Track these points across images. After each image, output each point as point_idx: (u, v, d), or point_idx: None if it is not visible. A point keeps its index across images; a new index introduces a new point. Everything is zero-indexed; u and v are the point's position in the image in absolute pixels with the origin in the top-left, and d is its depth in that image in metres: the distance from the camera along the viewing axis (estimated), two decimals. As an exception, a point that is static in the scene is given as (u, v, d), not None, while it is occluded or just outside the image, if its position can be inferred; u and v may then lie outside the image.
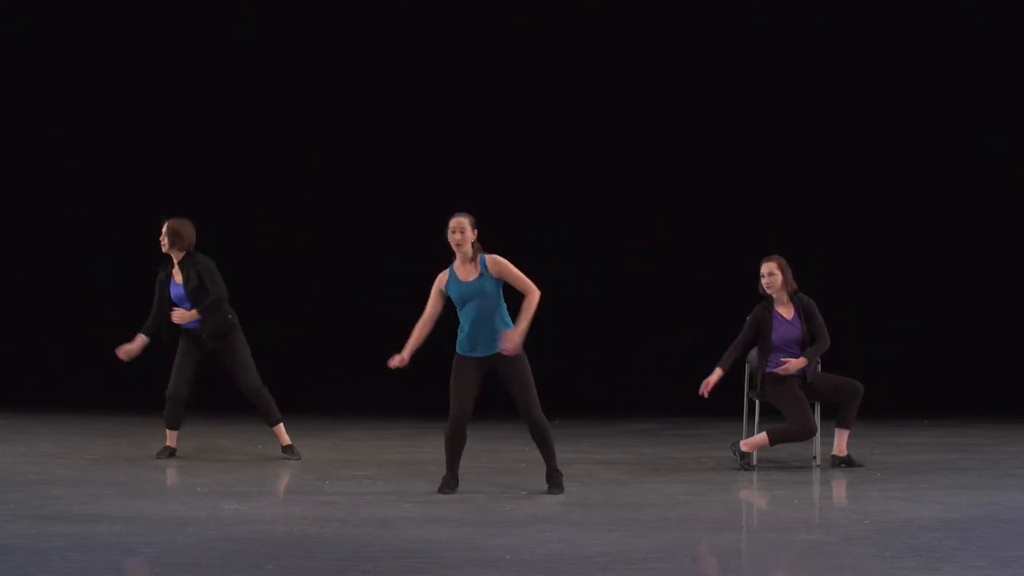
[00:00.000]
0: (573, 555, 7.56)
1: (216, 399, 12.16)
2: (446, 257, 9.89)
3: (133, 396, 16.32)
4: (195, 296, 11.42)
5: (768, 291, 11.18)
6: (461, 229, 9.61)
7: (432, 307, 9.73)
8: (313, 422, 13.79)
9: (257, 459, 11.72)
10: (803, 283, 11.36)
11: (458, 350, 9.72)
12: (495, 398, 10.19)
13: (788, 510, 9.31)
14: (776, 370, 10.98)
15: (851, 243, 16.67)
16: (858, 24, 16.49)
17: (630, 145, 16.89)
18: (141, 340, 11.54)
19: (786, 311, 11.18)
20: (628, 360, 16.72)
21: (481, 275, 9.60)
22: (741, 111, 16.70)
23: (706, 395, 10.94)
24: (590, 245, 16.84)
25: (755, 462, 11.14)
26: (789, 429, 10.94)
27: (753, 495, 10.20)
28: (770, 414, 11.28)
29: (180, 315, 11.39)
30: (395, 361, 9.70)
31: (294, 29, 16.85)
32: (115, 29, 16.77)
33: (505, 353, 9.49)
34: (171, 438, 11.64)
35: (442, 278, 9.71)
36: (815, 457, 11.33)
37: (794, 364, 10.99)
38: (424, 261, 16.45)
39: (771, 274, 11.17)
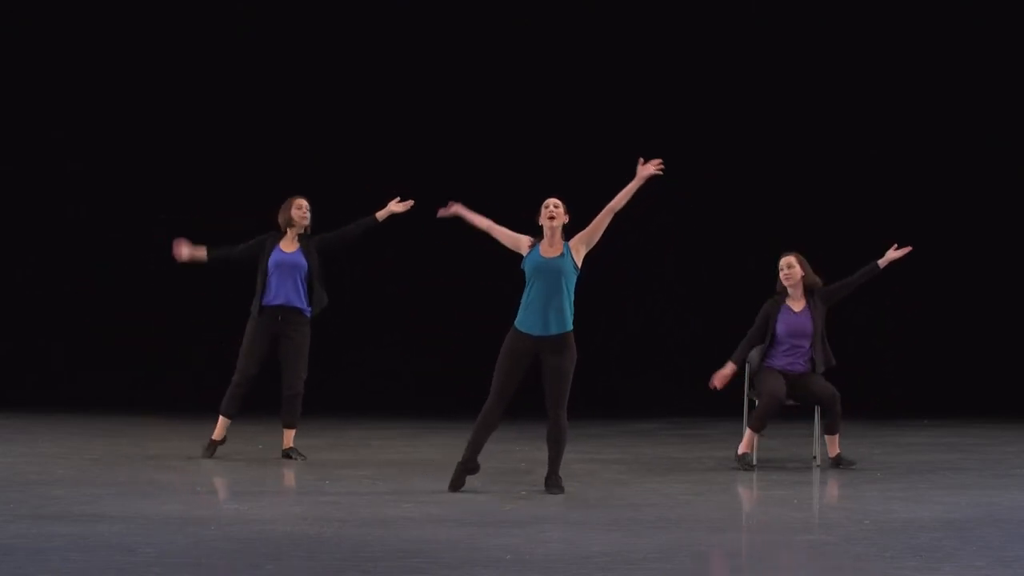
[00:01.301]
0: (573, 555, 7.56)
1: (216, 399, 12.14)
2: (447, 257, 9.91)
3: (133, 396, 16.35)
4: (315, 272, 11.51)
5: (787, 283, 11.21)
6: (556, 206, 9.95)
7: (505, 232, 10.05)
8: (313, 422, 13.79)
9: (257, 459, 11.71)
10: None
11: (517, 325, 9.83)
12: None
13: (788, 510, 9.31)
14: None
15: (851, 243, 16.64)
16: (858, 24, 16.49)
17: (629, 146, 16.88)
18: (204, 251, 11.52)
19: (797, 304, 11.19)
20: (627, 360, 16.75)
21: (563, 255, 9.84)
22: (740, 110, 16.70)
23: (719, 387, 10.96)
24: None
25: (755, 462, 11.14)
26: (759, 406, 10.96)
27: (753, 495, 10.20)
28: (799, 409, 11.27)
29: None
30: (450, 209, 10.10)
31: (293, 29, 16.85)
32: (114, 29, 16.78)
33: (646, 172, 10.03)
34: (222, 429, 11.61)
35: (525, 242, 9.98)
36: (815, 457, 11.33)
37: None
38: (424, 262, 16.55)
39: (790, 266, 11.21)
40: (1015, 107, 16.42)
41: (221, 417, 11.61)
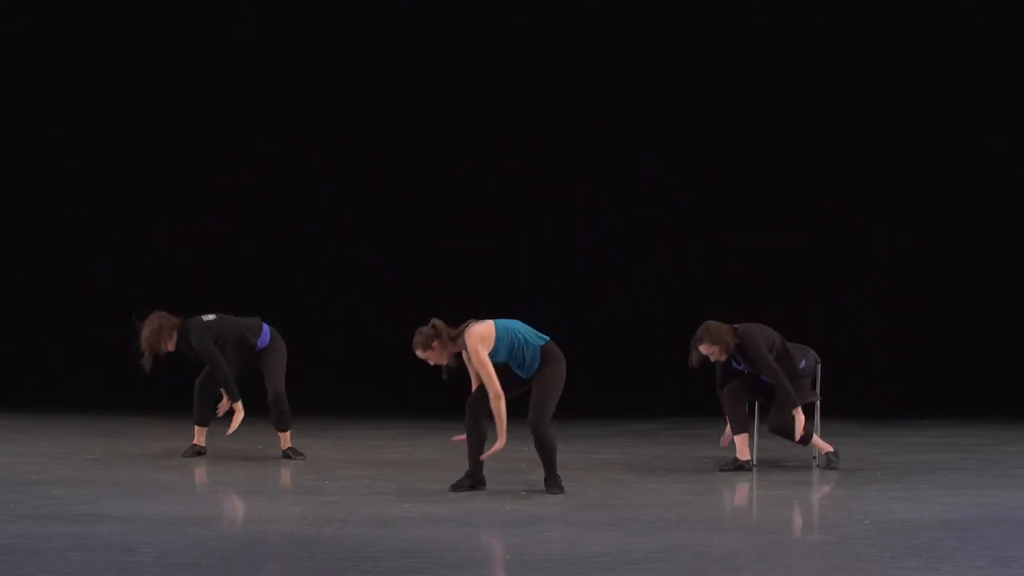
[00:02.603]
0: (573, 555, 7.56)
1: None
2: (446, 257, 9.93)
3: (133, 396, 16.33)
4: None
5: (717, 361, 10.97)
6: (424, 356, 9.65)
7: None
8: (313, 422, 13.78)
9: (257, 459, 11.71)
10: (804, 283, 11.35)
11: None
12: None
13: (788, 510, 9.31)
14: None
15: (851, 243, 16.66)
16: (855, 26, 16.48)
17: (629, 146, 16.89)
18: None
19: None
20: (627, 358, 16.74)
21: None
22: (739, 110, 16.68)
23: (725, 445, 11.02)
24: (587, 245, 16.86)
25: (755, 462, 11.13)
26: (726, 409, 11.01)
27: (753, 495, 10.20)
28: (766, 414, 11.26)
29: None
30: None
31: (292, 30, 16.84)
32: (114, 29, 16.76)
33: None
34: (284, 439, 11.67)
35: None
36: (815, 457, 11.33)
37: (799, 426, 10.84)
38: (424, 262, 16.55)
39: (711, 354, 10.80)
40: (1013, 107, 16.40)
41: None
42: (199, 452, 11.67)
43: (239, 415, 11.39)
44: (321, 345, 16.80)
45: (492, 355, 9.58)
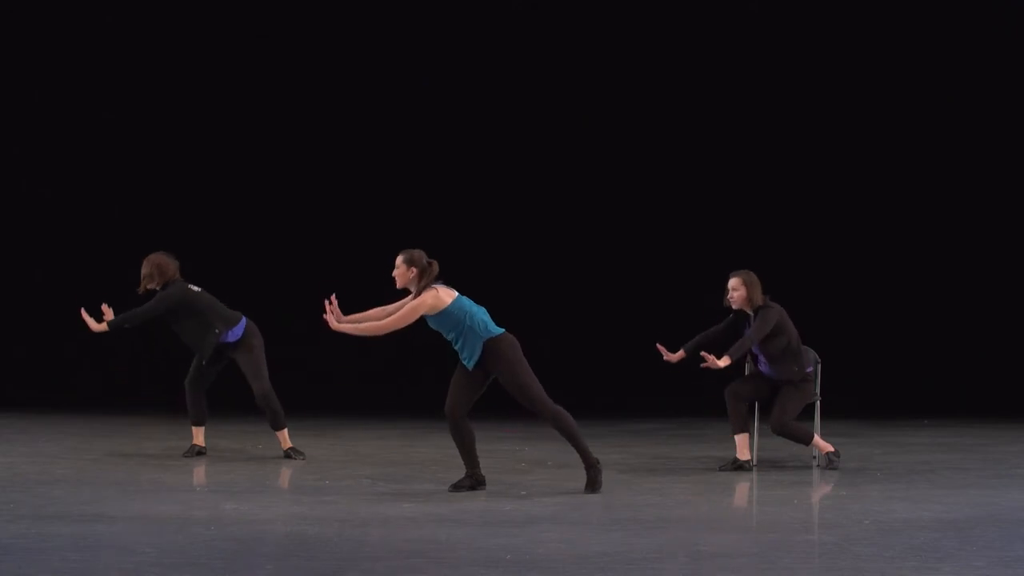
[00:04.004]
0: (573, 555, 7.56)
1: (215, 399, 12.14)
2: (446, 257, 9.94)
3: (133, 396, 16.34)
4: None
5: (732, 306, 11.02)
6: (396, 267, 9.81)
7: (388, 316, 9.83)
8: (313, 422, 13.79)
9: (257, 459, 11.71)
10: (803, 283, 11.35)
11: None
12: (492, 397, 10.20)
13: (788, 510, 9.31)
14: (704, 364, 10.81)
15: (851, 243, 16.67)
16: (852, 27, 16.49)
17: (628, 147, 16.89)
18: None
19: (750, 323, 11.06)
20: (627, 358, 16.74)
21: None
22: (736, 112, 16.69)
23: (662, 353, 10.88)
24: (587, 245, 16.86)
25: (755, 462, 11.13)
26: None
27: (753, 495, 10.20)
28: (767, 414, 11.27)
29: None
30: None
31: (291, 30, 16.85)
32: (114, 29, 16.77)
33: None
34: (283, 438, 11.68)
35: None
36: (815, 457, 11.33)
37: (712, 362, 10.74)
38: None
39: (735, 289, 10.95)
40: (1009, 107, 16.40)
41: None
42: (200, 452, 11.67)
43: (94, 324, 11.53)
44: (323, 344, 16.84)
45: (431, 322, 9.71)
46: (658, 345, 10.92)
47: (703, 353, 10.68)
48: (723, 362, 10.62)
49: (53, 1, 16.79)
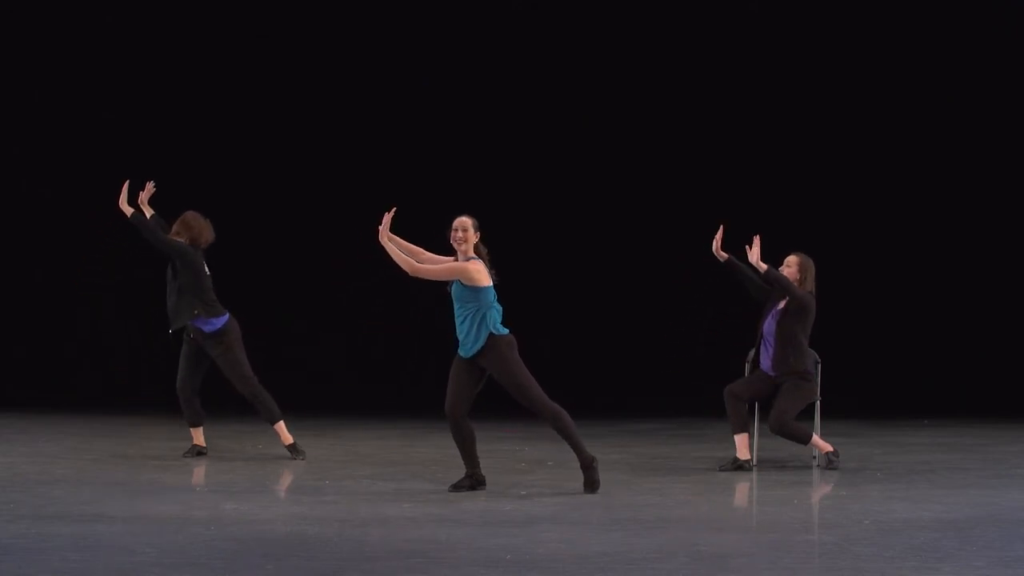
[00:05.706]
0: (573, 555, 7.57)
1: (215, 399, 12.15)
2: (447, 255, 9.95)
3: (133, 396, 16.34)
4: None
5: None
6: (464, 228, 9.82)
7: (426, 262, 9.93)
8: (313, 422, 13.79)
9: (257, 459, 11.72)
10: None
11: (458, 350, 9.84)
12: (493, 397, 10.20)
13: (788, 510, 9.31)
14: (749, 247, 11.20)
15: (851, 243, 16.66)
16: (852, 26, 16.49)
17: (628, 147, 16.90)
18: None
19: (782, 303, 11.14)
20: (627, 358, 16.74)
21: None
22: (736, 112, 16.69)
23: (716, 242, 11.34)
24: (587, 245, 16.86)
25: (755, 462, 11.13)
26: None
27: (753, 495, 10.21)
28: (766, 414, 11.27)
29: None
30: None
31: (291, 30, 16.85)
32: (114, 29, 16.77)
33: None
34: (282, 432, 11.68)
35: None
36: (815, 457, 11.33)
37: (755, 252, 11.18)
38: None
39: (787, 265, 11.21)
40: (1011, 107, 16.40)
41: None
42: (200, 452, 11.67)
43: (123, 201, 12.14)
44: (324, 344, 16.84)
45: (457, 291, 9.71)
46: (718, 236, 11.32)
47: (749, 246, 11.20)
48: (760, 263, 11.10)
49: (53, 1, 16.79)
